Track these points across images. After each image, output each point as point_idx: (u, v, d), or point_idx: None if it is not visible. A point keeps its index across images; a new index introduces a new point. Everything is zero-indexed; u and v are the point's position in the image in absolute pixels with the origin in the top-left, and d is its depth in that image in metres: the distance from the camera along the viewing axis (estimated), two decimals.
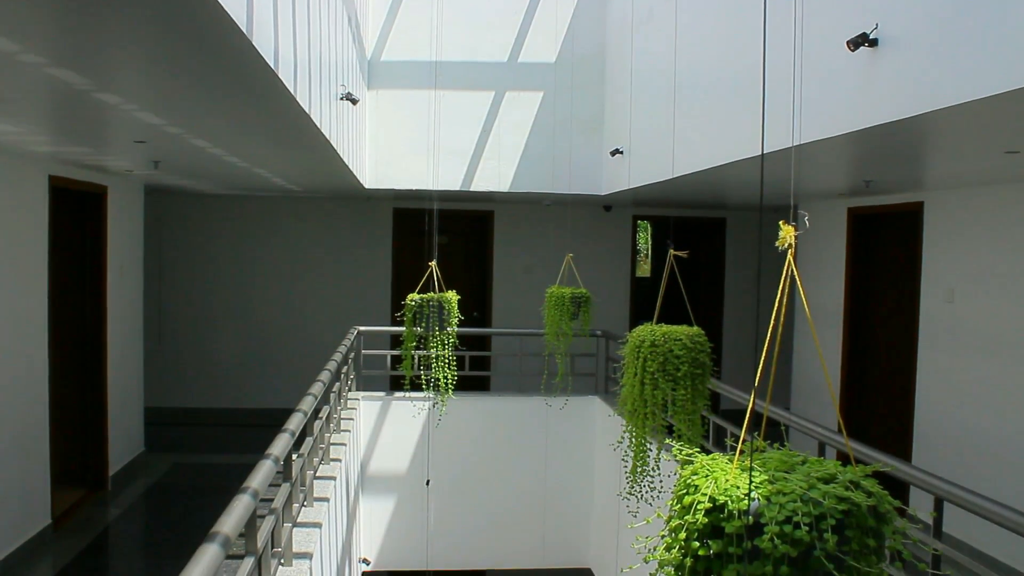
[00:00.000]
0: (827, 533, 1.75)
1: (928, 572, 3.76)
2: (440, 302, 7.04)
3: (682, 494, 1.91)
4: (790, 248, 1.93)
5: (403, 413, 9.20)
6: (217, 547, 2.84)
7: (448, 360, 7.18)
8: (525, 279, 12.46)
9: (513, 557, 9.96)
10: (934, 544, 3.85)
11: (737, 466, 1.94)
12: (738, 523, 1.79)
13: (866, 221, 9.29)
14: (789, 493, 1.81)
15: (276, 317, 12.59)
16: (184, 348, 12.42)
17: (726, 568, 1.81)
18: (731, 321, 13.13)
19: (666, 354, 4.65)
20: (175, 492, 9.12)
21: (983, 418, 7.15)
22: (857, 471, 1.94)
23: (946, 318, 7.73)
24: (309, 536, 4.87)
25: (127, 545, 7.86)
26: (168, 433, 11.07)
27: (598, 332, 9.29)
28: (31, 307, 7.16)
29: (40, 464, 7.28)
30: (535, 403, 9.17)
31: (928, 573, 3.81)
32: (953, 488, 3.89)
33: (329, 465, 6.28)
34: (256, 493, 3.44)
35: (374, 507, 9.32)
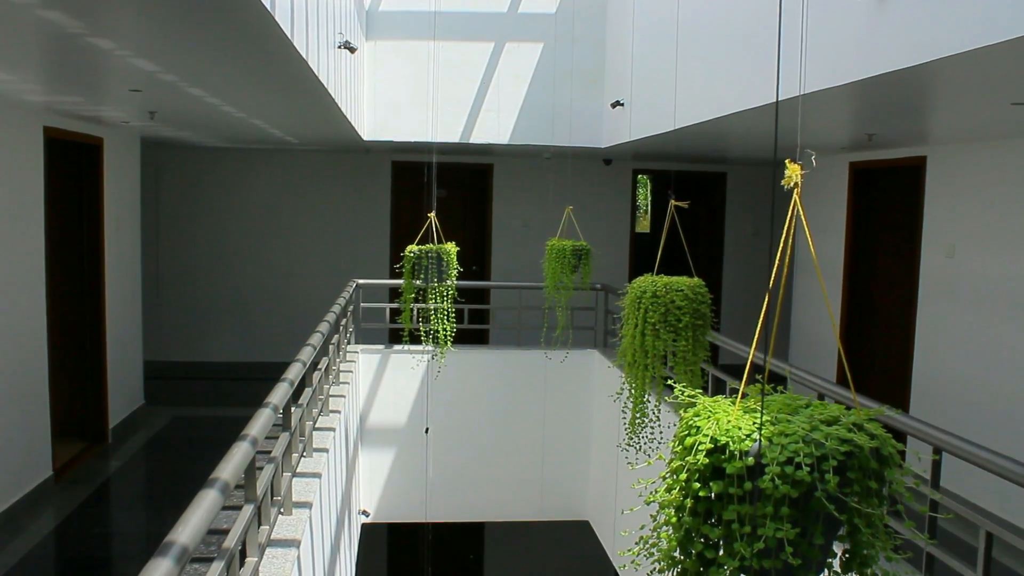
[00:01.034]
0: (828, 474, 1.74)
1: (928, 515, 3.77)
2: (439, 254, 7.00)
3: (683, 435, 1.90)
4: (796, 188, 1.89)
5: (402, 366, 9.21)
6: (216, 492, 2.84)
7: (447, 312, 7.16)
8: (524, 233, 12.42)
9: (511, 510, 10.04)
10: (932, 495, 3.85)
11: (739, 408, 1.92)
12: (739, 464, 1.77)
13: (868, 176, 9.22)
14: (791, 434, 1.80)
15: (275, 271, 12.57)
16: (183, 302, 12.40)
17: (726, 509, 1.80)
18: (731, 276, 13.11)
19: (667, 305, 4.63)
20: (175, 444, 9.16)
21: (981, 373, 7.16)
22: (861, 414, 1.92)
23: (946, 273, 7.71)
24: (308, 486, 4.89)
25: (128, 496, 7.90)
26: (168, 387, 11.10)
27: (597, 286, 9.27)
28: (28, 259, 7.13)
29: (40, 417, 7.29)
30: (534, 356, 9.17)
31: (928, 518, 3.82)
32: (952, 438, 3.89)
33: (328, 416, 6.29)
34: (255, 441, 3.43)
35: (373, 460, 9.37)
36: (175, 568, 2.34)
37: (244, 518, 3.34)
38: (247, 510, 3.41)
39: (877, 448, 1.85)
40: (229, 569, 3.19)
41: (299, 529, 4.29)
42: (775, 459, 1.76)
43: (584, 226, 8.14)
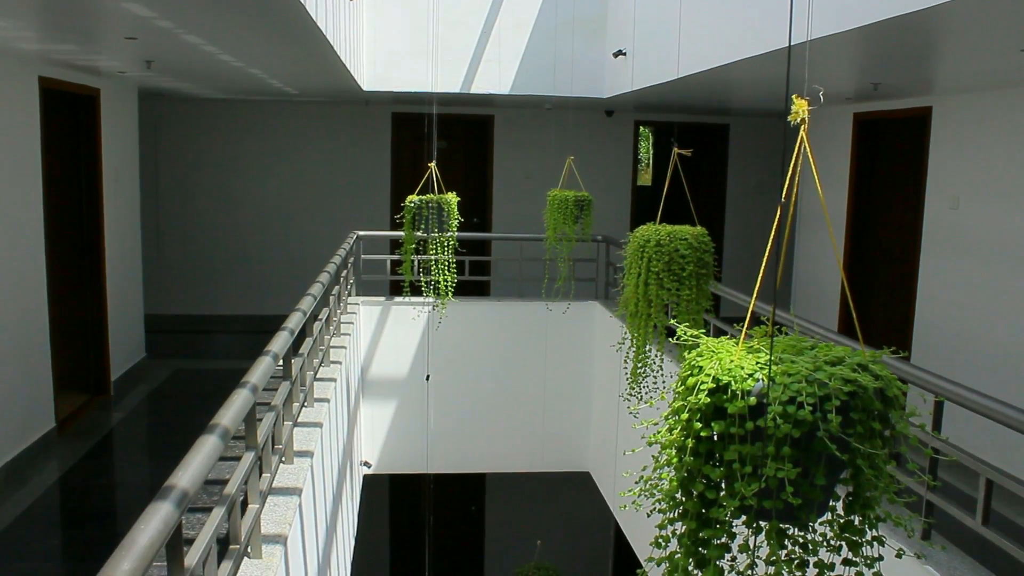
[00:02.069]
0: (831, 414, 1.72)
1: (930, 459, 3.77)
2: (440, 204, 6.96)
3: (686, 375, 1.88)
4: (803, 124, 1.85)
5: (403, 318, 9.21)
6: (216, 438, 2.84)
7: (448, 263, 7.13)
8: (525, 185, 12.35)
9: (512, 461, 10.10)
10: (936, 435, 3.85)
11: (742, 348, 1.90)
12: (740, 403, 1.75)
13: (872, 127, 9.14)
14: (794, 374, 1.78)
15: (275, 224, 12.52)
16: (183, 256, 12.38)
17: (727, 449, 1.78)
18: (732, 229, 13.05)
19: (671, 254, 4.60)
20: (177, 396, 9.18)
21: (983, 325, 7.14)
22: (866, 355, 1.90)
23: (950, 225, 7.66)
24: (310, 435, 4.90)
25: (131, 447, 7.94)
26: (169, 340, 11.10)
27: (599, 237, 9.23)
28: (26, 211, 7.08)
29: (42, 369, 7.30)
30: (535, 308, 9.16)
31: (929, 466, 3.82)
32: (953, 386, 3.88)
33: (329, 367, 6.29)
34: (255, 388, 3.43)
35: (374, 412, 9.40)
36: (175, 512, 2.33)
37: (245, 465, 3.34)
38: (248, 457, 3.41)
39: (881, 389, 1.83)
40: (231, 516, 3.20)
41: (301, 478, 4.30)
42: (777, 398, 1.74)
43: (585, 179, 8.08)
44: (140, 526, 2.21)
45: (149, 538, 2.16)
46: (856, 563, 1.99)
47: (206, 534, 2.79)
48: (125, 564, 2.03)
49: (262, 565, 3.46)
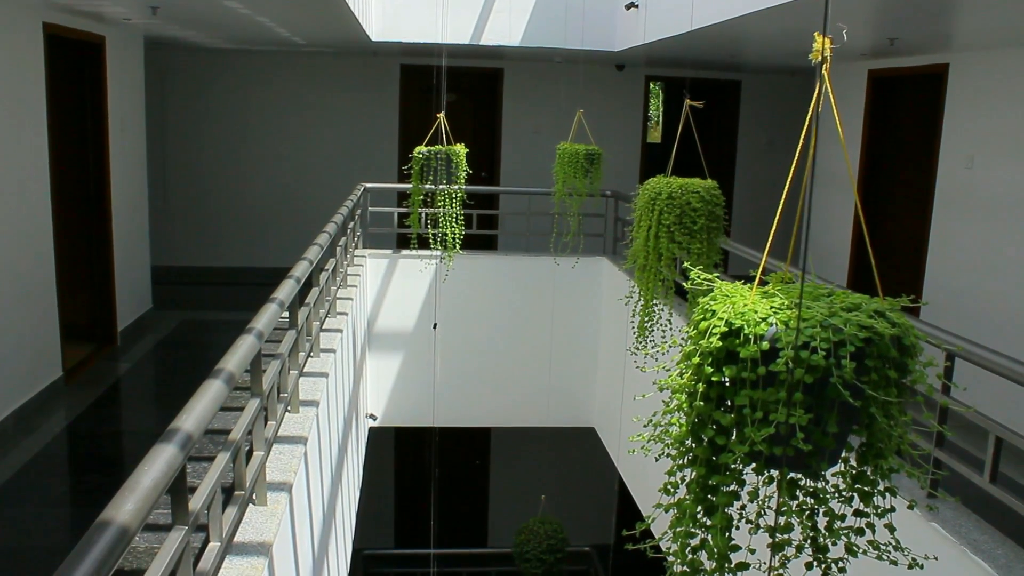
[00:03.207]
0: (845, 360, 1.68)
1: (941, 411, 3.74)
2: (448, 155, 6.89)
3: (698, 319, 1.84)
4: (825, 63, 1.79)
5: (410, 271, 9.18)
6: (221, 383, 2.82)
7: (456, 216, 7.08)
8: (534, 140, 12.24)
9: (518, 416, 10.12)
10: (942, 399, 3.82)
11: (756, 292, 1.86)
12: (753, 348, 1.72)
13: (887, 84, 9.00)
14: (809, 319, 1.74)
15: (282, 176, 12.46)
16: (189, 207, 12.33)
17: (739, 395, 1.75)
18: (742, 188, 12.95)
19: (683, 207, 4.56)
20: (183, 347, 9.19)
21: (995, 285, 7.08)
22: (884, 302, 1.86)
23: (964, 184, 7.57)
24: (315, 385, 4.88)
25: (137, 396, 7.97)
26: (175, 291, 11.10)
27: (607, 192, 9.16)
28: (31, 160, 7.03)
29: (49, 318, 7.29)
30: (542, 262, 9.12)
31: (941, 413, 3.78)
32: (965, 343, 3.84)
33: (336, 318, 6.27)
34: (261, 334, 3.41)
35: (380, 365, 9.41)
36: (179, 454, 2.32)
37: (250, 412, 3.33)
38: (253, 404, 3.40)
39: (898, 336, 1.79)
40: (235, 462, 3.19)
41: (306, 427, 4.30)
42: (790, 343, 1.70)
43: (595, 134, 8.00)
44: (144, 468, 2.19)
45: (152, 479, 2.14)
46: (867, 514, 1.96)
47: (211, 479, 2.78)
48: (128, 504, 2.01)
49: (267, 512, 3.46)
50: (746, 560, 1.91)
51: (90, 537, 1.86)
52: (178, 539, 2.41)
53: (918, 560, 1.96)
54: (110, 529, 1.90)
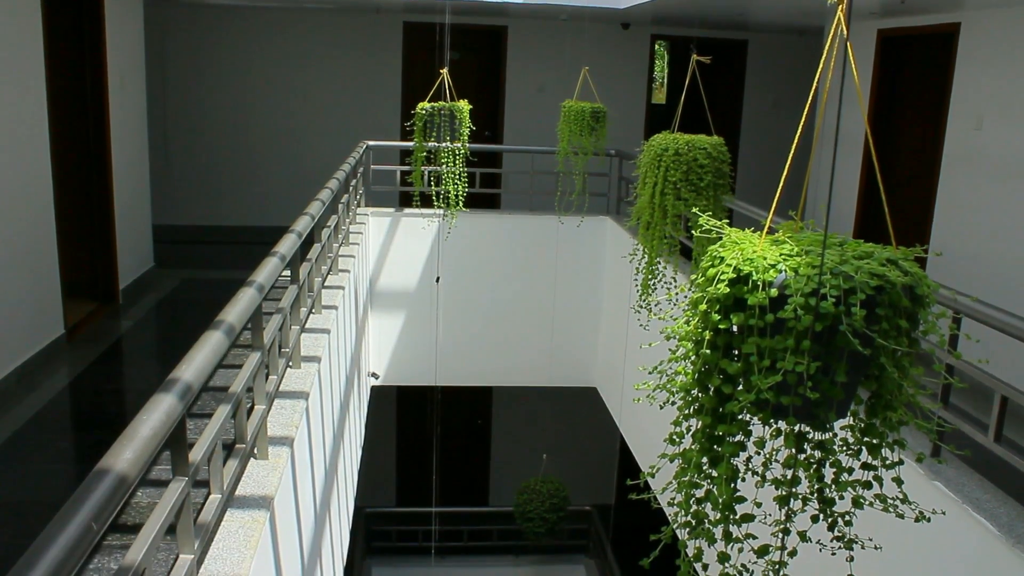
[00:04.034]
0: (855, 307, 1.64)
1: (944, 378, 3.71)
2: (451, 111, 6.82)
3: (706, 266, 1.80)
4: (840, 4, 1.74)
5: (413, 230, 9.13)
6: (222, 334, 2.80)
7: (459, 173, 7.02)
8: (538, 99, 12.13)
9: (520, 375, 10.12)
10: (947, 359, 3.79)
11: (765, 239, 1.82)
12: (761, 295, 1.68)
13: (896, 44, 8.88)
14: (819, 266, 1.70)
15: (284, 134, 12.36)
16: (192, 166, 12.26)
17: (746, 342, 1.71)
18: (747, 149, 12.85)
19: (690, 163, 4.51)
20: (185, 305, 9.17)
21: (1002, 248, 7.02)
22: (896, 251, 1.82)
23: (972, 146, 7.48)
24: (317, 341, 4.86)
25: (140, 354, 7.96)
26: (177, 250, 11.05)
27: (612, 151, 9.08)
28: (29, 115, 6.96)
29: (50, 276, 7.26)
30: (546, 222, 9.07)
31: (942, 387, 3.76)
32: (973, 303, 3.80)
33: (338, 275, 6.24)
34: (262, 287, 3.37)
35: (383, 323, 9.39)
36: (178, 404, 2.30)
37: (251, 365, 3.30)
38: (254, 357, 3.37)
39: (911, 286, 1.75)
40: (236, 415, 3.18)
41: (308, 382, 4.28)
42: (799, 290, 1.66)
43: (599, 93, 7.91)
44: (142, 417, 2.17)
45: (151, 428, 2.12)
46: (875, 467, 1.94)
47: (211, 431, 2.76)
48: (127, 453, 1.99)
49: (268, 466, 3.45)
50: (751, 512, 1.89)
51: (88, 484, 1.84)
52: (178, 490, 2.40)
53: (925, 513, 1.94)
54: (108, 477, 1.88)
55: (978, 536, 3.55)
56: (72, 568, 1.61)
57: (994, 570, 3.49)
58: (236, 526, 3.01)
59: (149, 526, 2.20)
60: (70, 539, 1.63)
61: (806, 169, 1.99)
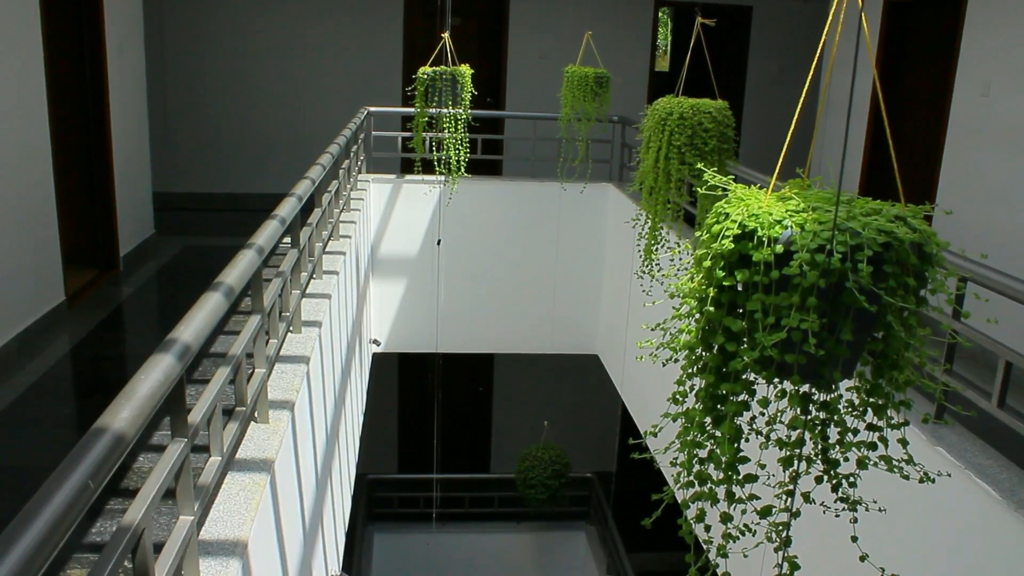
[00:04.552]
0: (862, 264, 1.62)
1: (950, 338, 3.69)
2: (453, 75, 6.75)
3: (711, 223, 1.77)
4: None
5: (414, 196, 9.09)
6: (221, 295, 2.77)
7: (460, 139, 6.96)
8: (540, 65, 12.03)
9: (521, 342, 10.11)
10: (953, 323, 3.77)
11: (771, 196, 1.78)
12: (767, 251, 1.65)
13: (903, 9, 8.78)
14: (826, 222, 1.67)
15: (286, 100, 12.27)
16: (192, 133, 12.18)
17: (750, 299, 1.69)
18: (751, 115, 12.76)
19: (695, 127, 4.47)
20: (187, 272, 9.15)
21: (1007, 217, 6.98)
22: (906, 209, 1.78)
23: (979, 113, 7.41)
24: (318, 306, 4.85)
25: (140, 321, 7.95)
26: (178, 217, 11.01)
27: (615, 118, 9.01)
28: (26, 80, 6.89)
29: (50, 244, 7.24)
30: (548, 188, 9.02)
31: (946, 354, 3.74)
32: (978, 267, 3.77)
33: (339, 241, 6.22)
34: (261, 250, 3.35)
35: (384, 291, 9.37)
36: (177, 364, 2.28)
37: (251, 328, 3.28)
38: (254, 320, 3.35)
39: (919, 243, 1.72)
40: (236, 378, 3.16)
41: (308, 347, 4.27)
42: (805, 246, 1.63)
43: (602, 60, 7.83)
44: (140, 376, 2.16)
45: (149, 388, 2.11)
46: (880, 428, 1.92)
47: (211, 392, 2.75)
48: (124, 412, 1.98)
49: (269, 430, 3.44)
50: (755, 473, 1.87)
51: (85, 443, 1.82)
52: (177, 451, 2.38)
53: (930, 475, 1.92)
54: (106, 435, 1.86)
55: (979, 501, 3.54)
56: (69, 525, 1.60)
57: (995, 535, 3.49)
58: (237, 489, 3.01)
59: (148, 486, 2.19)
60: (67, 497, 1.62)
61: (811, 135, 1.96)
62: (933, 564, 3.81)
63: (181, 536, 2.38)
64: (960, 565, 3.70)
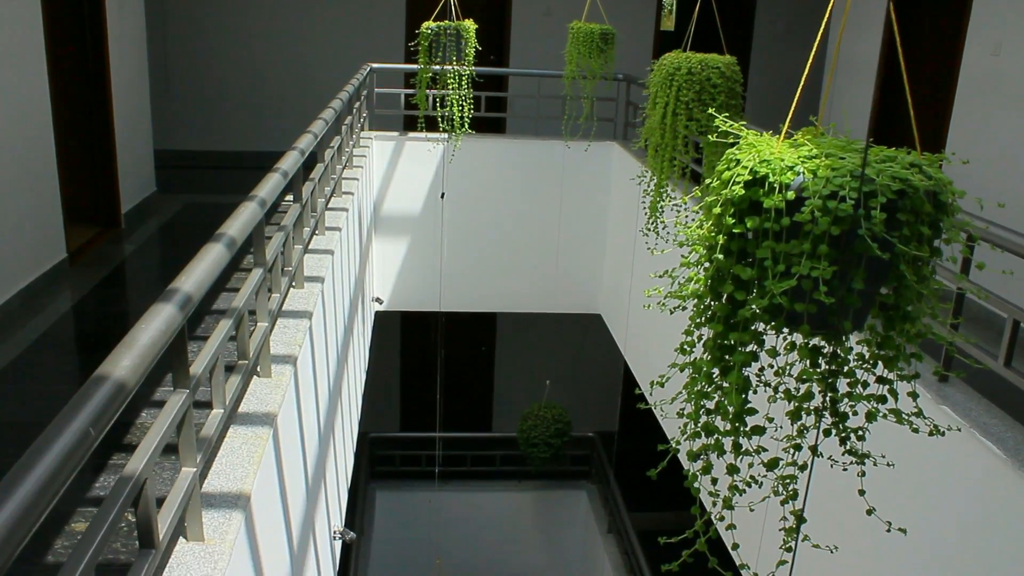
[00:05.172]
0: (875, 211, 1.58)
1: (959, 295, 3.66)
2: (458, 30, 6.66)
3: (722, 169, 1.73)
4: None
5: (417, 153, 9.02)
6: (222, 247, 2.74)
7: (464, 95, 6.88)
8: (545, 22, 11.89)
9: (524, 301, 10.09)
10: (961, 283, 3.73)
11: (783, 142, 1.74)
12: (778, 197, 1.61)
13: None
14: (839, 168, 1.63)
15: (288, 58, 12.15)
16: (193, 90, 12.08)
17: (761, 247, 1.65)
18: (756, 79, 12.61)
19: (703, 83, 4.40)
20: (188, 229, 9.11)
21: (1014, 173, 6.91)
22: (922, 157, 1.74)
23: (989, 73, 7.31)
24: (321, 262, 4.82)
25: (143, 278, 7.92)
26: (180, 175, 10.95)
27: (620, 76, 8.91)
28: (24, 33, 6.81)
29: (51, 201, 7.19)
30: (552, 147, 8.95)
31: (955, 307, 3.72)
32: (988, 224, 3.73)
33: (341, 198, 6.18)
34: (263, 202, 3.32)
35: (387, 249, 9.34)
36: (178, 314, 2.25)
37: (253, 280, 3.26)
38: (256, 273, 3.33)
39: (934, 192, 1.68)
40: (238, 331, 3.14)
41: (311, 302, 4.25)
42: (818, 192, 1.59)
43: (608, 19, 7.72)
44: (141, 326, 2.14)
45: (150, 337, 2.08)
46: (890, 381, 1.89)
47: (213, 344, 2.73)
48: (125, 360, 1.96)
49: (271, 384, 3.43)
50: (762, 425, 1.85)
51: (86, 391, 1.81)
52: (179, 402, 2.37)
53: (940, 428, 1.90)
54: (106, 383, 1.84)
55: (984, 460, 3.54)
56: (70, 472, 1.58)
57: (999, 493, 3.49)
58: (239, 442, 3.00)
59: (150, 437, 2.18)
60: (67, 443, 1.60)
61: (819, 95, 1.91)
62: (938, 521, 3.82)
63: (184, 487, 2.37)
64: (965, 522, 3.70)
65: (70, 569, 1.68)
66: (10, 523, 1.36)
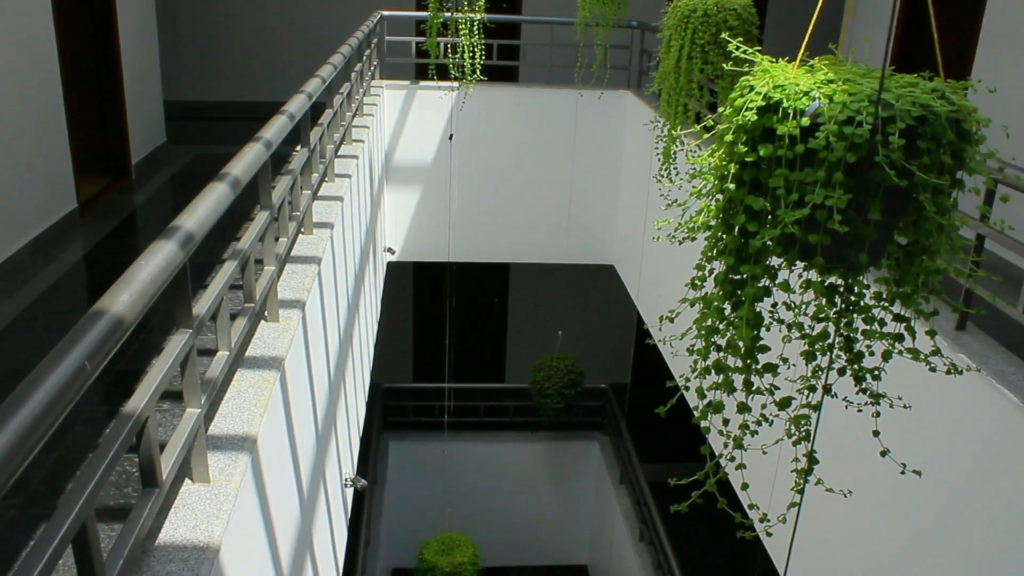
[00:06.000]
0: (893, 137, 1.51)
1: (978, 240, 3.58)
2: None
3: (735, 97, 1.67)
4: None
5: (429, 102, 8.91)
6: (226, 186, 2.70)
7: (476, 42, 6.77)
8: None
9: (536, 251, 10.03)
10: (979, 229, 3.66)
11: (798, 68, 1.68)
12: (792, 123, 1.55)
13: None
14: (856, 93, 1.56)
15: (297, 7, 12.00)
16: (202, 40, 11.96)
17: (773, 175, 1.59)
18: (772, 29, 12.38)
19: (719, 24, 4.30)
20: (199, 179, 8.97)
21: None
22: (946, 84, 1.67)
23: (1012, 23, 7.13)
24: (330, 208, 4.77)
25: (153, 228, 7.89)
26: (190, 126, 10.87)
27: (634, 23, 8.76)
28: None
29: (60, 151, 7.15)
30: (565, 95, 8.82)
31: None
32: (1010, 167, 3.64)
33: (351, 145, 6.11)
34: (269, 143, 3.27)
35: (398, 199, 9.27)
36: (179, 251, 2.22)
37: (259, 223, 3.21)
38: (262, 216, 3.28)
39: (957, 119, 1.61)
40: (244, 273, 3.10)
41: (320, 248, 4.20)
42: (833, 117, 1.53)
43: None
44: (141, 262, 2.09)
45: (149, 273, 2.04)
46: (908, 319, 1.84)
47: (217, 284, 2.70)
48: (123, 296, 1.92)
49: (279, 328, 3.40)
50: (775, 363, 1.81)
51: (83, 325, 1.77)
52: (181, 342, 2.33)
53: (958, 366, 1.85)
54: (104, 318, 1.81)
55: (1000, 407, 3.49)
56: (65, 405, 1.55)
57: (1015, 441, 3.45)
58: (246, 385, 2.98)
59: (151, 375, 2.15)
60: (63, 375, 1.57)
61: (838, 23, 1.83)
62: (952, 467, 3.79)
63: (188, 428, 2.35)
64: (979, 468, 3.67)
65: (69, 503, 1.66)
66: (2, 453, 1.34)
